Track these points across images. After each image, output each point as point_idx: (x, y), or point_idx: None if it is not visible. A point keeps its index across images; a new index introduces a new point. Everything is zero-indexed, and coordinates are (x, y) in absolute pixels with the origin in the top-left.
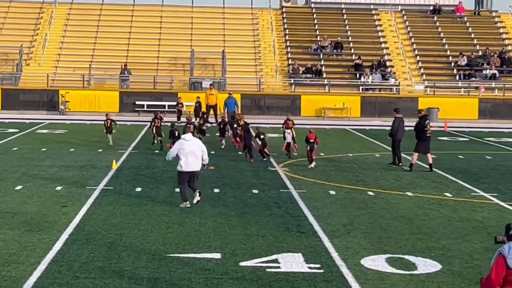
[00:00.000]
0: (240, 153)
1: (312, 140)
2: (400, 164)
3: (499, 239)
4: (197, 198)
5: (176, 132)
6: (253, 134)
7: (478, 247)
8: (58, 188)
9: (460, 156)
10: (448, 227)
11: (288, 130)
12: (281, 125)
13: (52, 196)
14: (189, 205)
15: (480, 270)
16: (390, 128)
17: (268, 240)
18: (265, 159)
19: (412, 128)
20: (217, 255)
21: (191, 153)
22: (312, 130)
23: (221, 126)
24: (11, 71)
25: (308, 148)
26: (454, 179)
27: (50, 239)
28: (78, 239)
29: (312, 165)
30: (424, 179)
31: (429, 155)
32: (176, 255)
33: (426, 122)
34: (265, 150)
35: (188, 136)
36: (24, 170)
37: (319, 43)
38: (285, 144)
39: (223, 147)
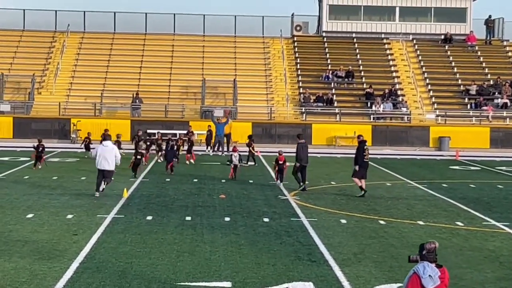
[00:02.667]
0: (251, 181)
1: (281, 162)
2: (301, 188)
3: (412, 258)
4: (102, 186)
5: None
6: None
7: (490, 277)
8: (69, 216)
9: (472, 185)
10: (460, 256)
11: (235, 154)
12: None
13: (63, 224)
14: (98, 195)
15: None
16: (295, 154)
17: (279, 268)
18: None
19: (354, 154)
20: (228, 284)
21: (104, 156)
22: (281, 153)
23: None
24: (23, 100)
25: (277, 169)
26: (465, 208)
27: (61, 267)
28: (89, 267)
29: (281, 184)
30: (436, 208)
31: (363, 181)
32: (186, 283)
33: (365, 148)
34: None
35: (106, 142)
36: (35, 198)
37: (331, 72)
38: (232, 166)
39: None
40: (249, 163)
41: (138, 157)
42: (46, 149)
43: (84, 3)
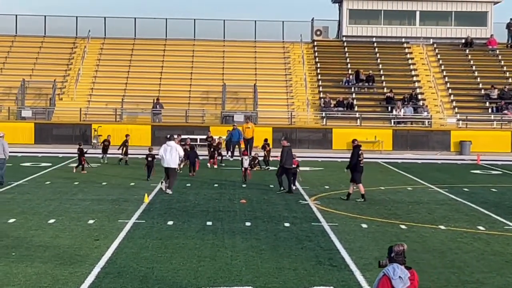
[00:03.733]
0: (272, 186)
1: (295, 166)
2: (282, 189)
3: (382, 263)
4: (164, 185)
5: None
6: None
7: None
8: (90, 221)
9: (493, 189)
10: (482, 261)
11: (246, 157)
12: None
13: (84, 229)
14: (163, 188)
15: None
16: (279, 157)
17: (300, 273)
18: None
19: (348, 159)
20: None
21: (167, 154)
22: (294, 157)
23: (255, 161)
24: (44, 106)
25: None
26: (487, 212)
27: (82, 272)
28: (110, 272)
29: (293, 187)
30: (457, 212)
31: (351, 185)
32: None
33: (360, 152)
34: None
35: (170, 143)
36: (57, 203)
37: (350, 76)
38: (243, 169)
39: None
40: (266, 167)
41: (149, 159)
42: (67, 155)
43: (104, 9)
